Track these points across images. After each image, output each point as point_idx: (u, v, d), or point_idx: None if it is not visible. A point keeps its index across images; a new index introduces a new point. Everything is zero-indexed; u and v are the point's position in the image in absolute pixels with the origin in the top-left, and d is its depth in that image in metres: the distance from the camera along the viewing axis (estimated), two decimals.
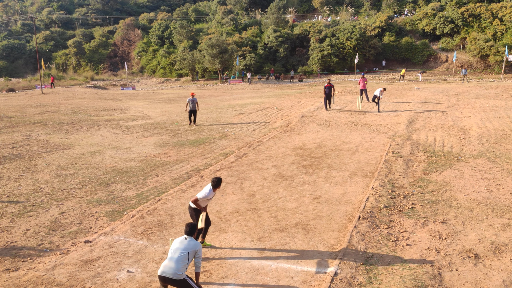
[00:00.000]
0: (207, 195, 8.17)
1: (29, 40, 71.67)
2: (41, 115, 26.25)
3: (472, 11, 54.45)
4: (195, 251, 6.41)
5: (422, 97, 29.77)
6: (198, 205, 8.16)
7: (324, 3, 69.64)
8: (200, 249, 6.49)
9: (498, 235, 8.58)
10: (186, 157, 15.60)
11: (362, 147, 16.24)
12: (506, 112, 22.53)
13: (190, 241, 6.46)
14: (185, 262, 6.27)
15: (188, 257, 6.31)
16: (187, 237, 6.52)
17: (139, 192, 11.87)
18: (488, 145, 16.06)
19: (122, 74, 65.57)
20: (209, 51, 52.45)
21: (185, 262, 6.28)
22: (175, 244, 6.46)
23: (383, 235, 8.75)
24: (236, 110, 26.74)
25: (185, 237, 6.52)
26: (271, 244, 8.50)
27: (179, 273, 6.18)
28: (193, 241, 6.48)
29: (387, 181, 12.09)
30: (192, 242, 6.46)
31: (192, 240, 6.49)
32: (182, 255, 6.29)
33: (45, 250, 8.52)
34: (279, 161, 14.63)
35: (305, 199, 10.89)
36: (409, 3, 65.19)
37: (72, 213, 10.39)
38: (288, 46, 58.74)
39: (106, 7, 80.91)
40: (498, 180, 11.99)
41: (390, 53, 57.29)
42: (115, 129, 21.23)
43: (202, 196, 8.16)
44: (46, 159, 15.61)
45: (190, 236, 6.54)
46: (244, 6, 73.35)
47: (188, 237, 6.52)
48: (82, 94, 41.79)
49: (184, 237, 6.53)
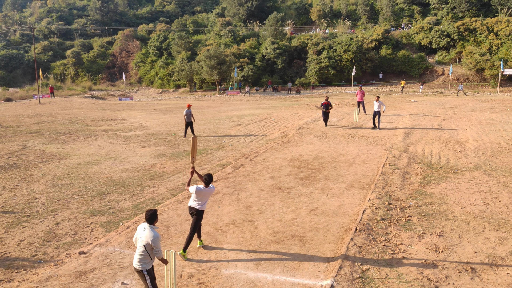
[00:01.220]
0: (193, 191, 8.40)
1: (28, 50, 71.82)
2: (38, 125, 26.20)
3: (467, 25, 55.02)
4: (150, 243, 6.27)
5: (418, 110, 29.91)
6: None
7: (322, 15, 70.19)
8: (156, 240, 6.29)
9: (495, 249, 8.57)
10: (183, 168, 15.57)
11: (359, 159, 16.26)
12: (502, 125, 22.64)
13: (148, 230, 6.34)
14: (143, 254, 6.29)
15: (145, 250, 6.27)
16: (147, 226, 6.40)
17: (135, 202, 11.82)
18: (485, 158, 16.10)
19: (120, 84, 65.66)
20: (207, 62, 52.65)
21: (143, 254, 6.29)
22: (138, 231, 6.45)
23: (379, 247, 8.72)
24: (233, 121, 26.77)
25: (144, 227, 6.41)
26: (267, 256, 8.45)
27: (139, 264, 6.31)
28: (151, 231, 6.33)
29: (384, 193, 12.09)
30: (150, 231, 6.33)
31: (150, 228, 6.37)
32: (140, 247, 6.31)
33: (39, 261, 8.45)
34: (276, 172, 14.61)
35: (301, 211, 10.86)
36: (405, 16, 65.80)
37: (67, 223, 10.32)
38: (285, 58, 59.06)
39: (105, 18, 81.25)
40: (494, 193, 12.00)
41: (387, 66, 57.67)
42: (112, 139, 21.20)
43: (190, 191, 8.48)
44: (42, 169, 15.55)
45: (150, 224, 6.41)
46: (243, 18, 73.84)
47: (148, 226, 6.39)
48: (79, 104, 41.80)
49: (144, 227, 6.42)
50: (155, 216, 6.43)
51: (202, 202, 8.48)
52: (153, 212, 6.41)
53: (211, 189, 8.56)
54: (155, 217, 6.43)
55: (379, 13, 68.08)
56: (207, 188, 8.48)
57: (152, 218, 6.38)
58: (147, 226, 6.37)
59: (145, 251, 6.27)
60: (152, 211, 6.41)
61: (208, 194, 8.58)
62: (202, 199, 8.48)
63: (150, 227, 6.36)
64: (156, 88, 63.96)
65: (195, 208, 8.49)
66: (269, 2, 76.69)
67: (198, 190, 8.41)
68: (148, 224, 6.39)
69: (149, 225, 6.38)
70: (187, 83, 60.20)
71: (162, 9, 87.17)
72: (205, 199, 8.55)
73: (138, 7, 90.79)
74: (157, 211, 6.53)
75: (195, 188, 8.42)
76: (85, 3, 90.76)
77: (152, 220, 6.39)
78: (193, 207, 8.51)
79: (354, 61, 55.44)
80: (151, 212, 6.41)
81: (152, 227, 6.37)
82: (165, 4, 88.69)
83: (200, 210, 8.51)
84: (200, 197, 8.46)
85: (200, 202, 8.47)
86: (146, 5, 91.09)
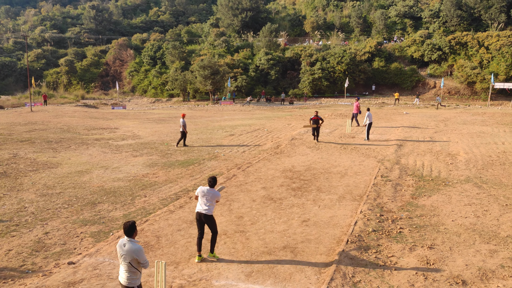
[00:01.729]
0: (197, 191, 8.69)
1: (21, 58, 71.57)
2: (29, 133, 26.02)
3: (459, 39, 55.76)
4: (135, 258, 5.95)
5: (410, 122, 30.12)
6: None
7: (315, 27, 70.79)
8: (140, 252, 5.97)
9: (485, 261, 8.59)
10: (175, 177, 15.51)
11: (351, 171, 16.30)
12: (493, 138, 22.84)
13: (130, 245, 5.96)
14: (131, 271, 5.98)
15: (131, 266, 5.96)
16: (127, 241, 6.00)
17: (126, 212, 11.73)
18: (475, 170, 16.21)
19: (113, 93, 65.52)
20: (201, 72, 52.76)
21: (131, 271, 5.98)
22: (119, 249, 6.05)
23: (371, 259, 8.70)
24: (226, 132, 26.77)
25: (124, 243, 6.01)
26: (258, 267, 8.40)
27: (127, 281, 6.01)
28: (132, 245, 5.97)
29: (376, 205, 12.10)
30: (131, 246, 5.95)
31: (130, 243, 5.98)
32: (125, 264, 5.98)
33: (27, 271, 8.33)
34: (268, 183, 14.60)
35: (293, 222, 10.84)
36: (398, 30, 66.56)
37: (57, 233, 10.21)
38: (279, 69, 59.36)
39: (99, 27, 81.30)
40: (485, 206, 12.07)
41: (379, 78, 58.14)
42: (104, 148, 21.09)
43: (196, 193, 8.76)
44: (32, 177, 15.41)
45: (129, 237, 6.01)
46: (237, 29, 74.26)
47: (128, 240, 6.00)
48: (72, 112, 41.61)
49: (124, 243, 6.01)
50: (134, 228, 6.05)
51: (208, 205, 8.55)
52: (131, 224, 6.04)
53: (215, 192, 8.61)
54: (134, 229, 6.05)
55: (372, 26, 68.83)
56: (210, 189, 8.61)
57: (131, 231, 6.01)
58: (126, 241, 6.00)
59: (132, 267, 5.98)
60: (130, 222, 6.05)
61: (212, 197, 8.61)
62: (207, 201, 8.55)
63: (130, 241, 6.00)
64: (150, 97, 63.91)
65: (203, 213, 8.58)
66: (263, 14, 77.26)
67: (201, 191, 8.61)
68: (127, 237, 6.02)
69: (128, 239, 6.00)
70: (180, 93, 60.24)
71: (156, 18, 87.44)
72: (210, 202, 8.58)
73: (133, 16, 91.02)
74: (135, 223, 6.17)
75: (199, 189, 8.69)
76: (79, 11, 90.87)
77: (131, 232, 6.02)
78: (201, 212, 8.60)
79: (347, 73, 55.86)
80: (129, 224, 6.03)
81: (132, 241, 6.01)
82: (160, 14, 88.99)
83: (208, 215, 8.61)
84: (204, 200, 8.57)
85: (206, 207, 8.55)
86: (141, 14, 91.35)
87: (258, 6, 75.50)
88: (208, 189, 8.61)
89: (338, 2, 76.38)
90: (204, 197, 8.55)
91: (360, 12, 69.16)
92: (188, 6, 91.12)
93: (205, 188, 8.65)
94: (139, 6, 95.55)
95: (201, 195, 8.59)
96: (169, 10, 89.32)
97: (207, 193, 8.58)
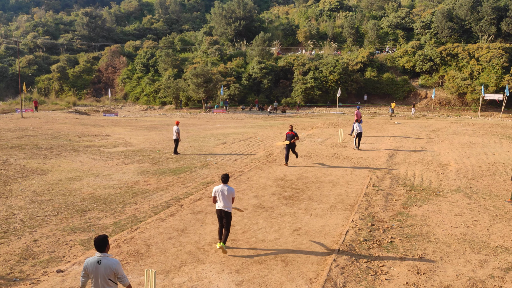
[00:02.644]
0: (214, 192, 9.43)
1: (12, 64, 71.10)
2: (19, 139, 25.79)
3: (450, 50, 56.44)
4: (114, 272, 5.60)
5: (402, 132, 30.31)
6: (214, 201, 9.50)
7: (308, 37, 71.28)
8: (120, 266, 5.66)
9: (476, 271, 8.62)
10: (167, 185, 15.43)
11: (342, 180, 16.33)
12: (483, 149, 23.05)
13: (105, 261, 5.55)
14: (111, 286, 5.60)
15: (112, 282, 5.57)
16: (100, 257, 5.57)
17: (117, 220, 11.63)
18: (466, 181, 16.32)
19: (105, 100, 65.24)
20: (194, 80, 52.76)
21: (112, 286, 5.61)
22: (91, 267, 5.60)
23: (362, 269, 8.70)
24: (218, 140, 26.74)
25: (98, 260, 5.58)
26: (249, 276, 8.35)
27: None
28: (108, 260, 5.59)
29: (367, 214, 12.12)
30: (107, 261, 5.57)
31: (105, 259, 5.58)
32: (102, 282, 5.56)
33: (15, 279, 8.21)
34: (260, 191, 14.57)
35: (285, 231, 10.81)
36: (390, 40, 67.22)
37: (45, 241, 10.09)
38: (272, 78, 59.56)
39: (92, 34, 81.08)
40: (475, 216, 12.14)
41: (371, 88, 58.57)
42: (95, 155, 20.95)
43: (213, 193, 9.48)
44: (21, 184, 15.24)
45: (102, 253, 5.58)
46: (230, 38, 74.52)
47: (101, 255, 5.57)
48: (63, 119, 41.34)
49: (97, 260, 5.58)
50: (107, 242, 5.67)
51: (226, 202, 9.35)
52: (104, 237, 5.63)
53: (230, 188, 9.39)
54: (107, 243, 5.67)
55: (364, 36, 69.45)
56: (225, 185, 9.34)
57: (103, 245, 5.61)
58: (100, 258, 5.59)
59: (112, 283, 5.67)
60: (102, 236, 5.64)
61: (230, 194, 9.36)
62: (226, 199, 9.33)
63: (104, 257, 5.61)
64: (142, 105, 63.72)
65: (224, 210, 9.39)
66: (256, 23, 77.69)
67: (219, 190, 9.35)
68: (100, 253, 5.61)
69: (102, 255, 5.61)
70: (173, 100, 60.15)
71: (150, 26, 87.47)
72: (228, 199, 9.38)
73: (126, 23, 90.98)
74: (107, 237, 5.78)
75: (215, 189, 9.42)
76: (72, 18, 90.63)
77: (104, 246, 5.63)
78: (222, 209, 9.40)
79: (339, 83, 56.22)
80: (101, 237, 5.61)
81: (106, 256, 5.63)
82: (153, 22, 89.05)
83: (228, 212, 9.40)
84: (224, 197, 9.31)
85: (227, 205, 9.36)
86: (134, 22, 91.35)
87: (251, 15, 75.93)
88: (222, 186, 9.35)
89: (331, 13, 77.04)
90: (222, 194, 9.32)
91: (352, 22, 69.80)
92: (181, 14, 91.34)
93: (220, 186, 9.39)
94: (133, 14, 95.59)
95: (220, 194, 9.34)
96: (163, 18, 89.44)
97: (223, 189, 9.31)
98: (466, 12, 59.81)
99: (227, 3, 78.93)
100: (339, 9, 77.06)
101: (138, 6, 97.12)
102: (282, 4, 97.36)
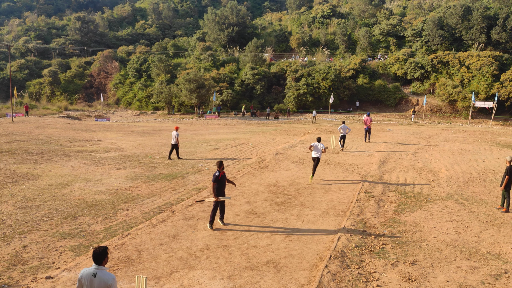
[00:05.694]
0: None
1: (3, 68, 70.59)
2: (9, 144, 25.55)
3: (440, 58, 57.01)
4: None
5: (393, 138, 30.48)
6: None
7: (301, 43, 71.64)
8: (115, 282, 5.46)
9: (466, 278, 8.66)
10: (158, 191, 15.36)
11: (335, 186, 16.36)
12: (473, 156, 23.24)
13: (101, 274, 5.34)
14: None
15: None
16: (96, 269, 5.38)
17: (108, 226, 11.54)
18: (457, 187, 16.43)
19: (97, 105, 64.93)
20: (187, 86, 52.72)
21: None
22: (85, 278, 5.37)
23: (353, 275, 8.70)
24: (211, 145, 26.70)
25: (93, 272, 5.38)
26: (241, 282, 8.32)
27: None
28: (104, 275, 5.37)
29: (359, 221, 12.15)
30: (103, 276, 5.35)
31: (102, 272, 5.37)
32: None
33: (3, 286, 8.10)
34: (252, 197, 14.55)
35: (277, 237, 10.80)
36: (382, 48, 67.76)
37: (35, 246, 9.98)
38: (265, 84, 59.71)
39: (84, 39, 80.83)
40: (466, 222, 12.21)
41: (363, 95, 58.92)
42: (86, 161, 20.81)
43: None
44: (11, 189, 15.09)
45: (99, 265, 5.39)
46: (223, 44, 74.67)
47: (98, 268, 5.39)
48: (54, 124, 41.05)
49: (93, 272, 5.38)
50: (106, 254, 5.46)
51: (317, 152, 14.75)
52: (103, 250, 5.42)
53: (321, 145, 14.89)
54: (106, 256, 5.46)
55: (356, 43, 69.95)
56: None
57: (101, 257, 5.41)
58: (96, 270, 5.41)
59: None
60: (102, 248, 5.43)
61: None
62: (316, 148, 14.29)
63: (100, 270, 5.43)
64: (134, 110, 63.50)
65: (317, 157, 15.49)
66: (249, 29, 77.95)
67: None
68: (97, 266, 5.43)
69: (98, 268, 5.42)
70: (165, 106, 60.02)
71: (143, 31, 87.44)
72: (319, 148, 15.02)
73: (119, 28, 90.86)
74: (107, 249, 5.55)
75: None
76: (65, 23, 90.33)
77: (102, 259, 5.42)
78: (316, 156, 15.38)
79: (332, 89, 56.49)
80: (101, 249, 5.40)
81: (103, 269, 5.45)
82: (146, 27, 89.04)
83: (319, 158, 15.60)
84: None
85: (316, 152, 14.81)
86: (127, 27, 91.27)
87: (244, 21, 76.20)
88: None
89: (323, 20, 77.54)
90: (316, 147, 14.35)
91: (345, 29, 70.29)
92: (174, 20, 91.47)
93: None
94: (126, 19, 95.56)
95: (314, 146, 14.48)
96: (156, 23, 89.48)
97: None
98: (456, 20, 60.51)
99: (220, 9, 79.25)
100: (331, 16, 77.61)
101: (131, 11, 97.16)
102: (275, 10, 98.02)
